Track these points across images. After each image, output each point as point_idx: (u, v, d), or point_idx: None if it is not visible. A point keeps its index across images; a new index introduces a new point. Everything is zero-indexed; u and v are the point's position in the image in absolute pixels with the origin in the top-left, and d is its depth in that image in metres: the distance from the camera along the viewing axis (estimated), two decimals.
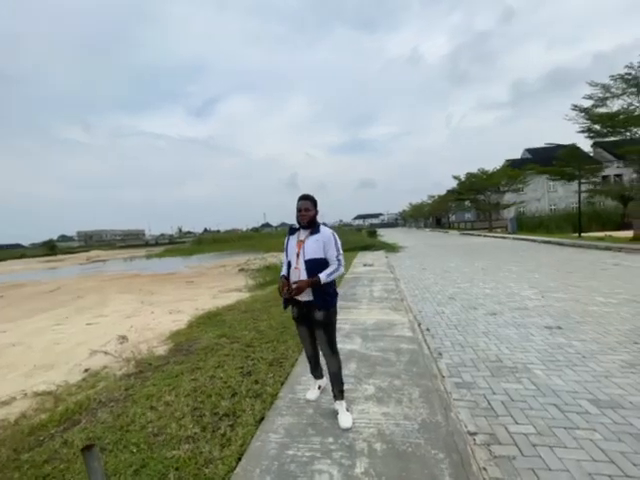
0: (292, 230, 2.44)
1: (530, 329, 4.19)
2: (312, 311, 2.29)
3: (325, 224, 2.44)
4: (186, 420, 2.42)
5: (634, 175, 19.57)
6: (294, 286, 2.22)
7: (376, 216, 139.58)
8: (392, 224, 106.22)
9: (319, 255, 2.26)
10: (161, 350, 4.10)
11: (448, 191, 46.03)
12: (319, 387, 2.68)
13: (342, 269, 2.33)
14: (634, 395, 2.58)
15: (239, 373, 3.16)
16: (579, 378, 2.89)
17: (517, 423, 2.31)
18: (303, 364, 3.26)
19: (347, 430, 2.17)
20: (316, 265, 2.24)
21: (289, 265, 2.36)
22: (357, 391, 2.68)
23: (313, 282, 2.20)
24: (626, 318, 4.43)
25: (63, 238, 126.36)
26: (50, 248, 65.59)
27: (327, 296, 2.28)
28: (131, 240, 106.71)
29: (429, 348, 3.64)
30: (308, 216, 2.30)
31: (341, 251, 2.34)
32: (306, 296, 2.27)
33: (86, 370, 3.70)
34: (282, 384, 2.89)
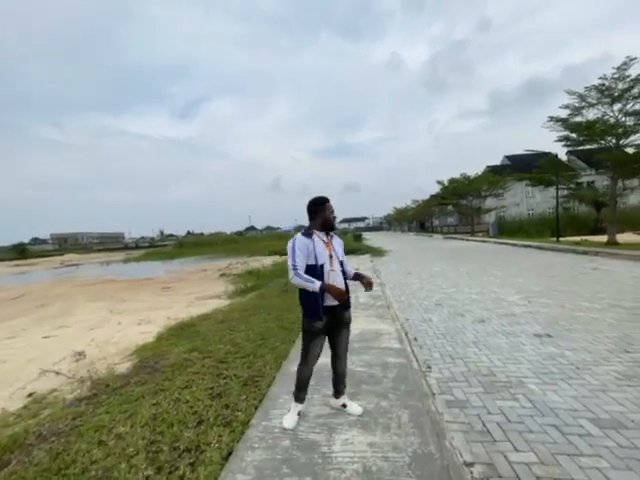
0: (309, 234, 2.28)
1: (520, 337, 4.03)
2: (342, 314, 2.29)
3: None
4: (139, 458, 2.05)
5: (606, 183, 20.39)
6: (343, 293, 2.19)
7: (361, 220, 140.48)
8: (377, 228, 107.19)
9: (342, 257, 2.38)
10: (123, 368, 3.67)
11: (432, 196, 46.86)
12: (299, 413, 2.37)
13: None
14: (634, 412, 2.40)
15: (208, 395, 2.80)
16: (576, 393, 2.71)
17: (517, 450, 2.07)
18: (281, 383, 2.94)
19: (360, 415, 2.35)
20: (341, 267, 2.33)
21: (315, 268, 2.19)
22: (340, 415, 2.39)
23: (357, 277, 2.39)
24: (613, 324, 4.36)
25: (36, 241, 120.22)
26: (20, 252, 61.85)
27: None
28: (110, 243, 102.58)
29: (417, 361, 3.39)
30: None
31: None
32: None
33: (30, 394, 3.23)
34: (256, 408, 2.56)
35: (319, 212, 2.29)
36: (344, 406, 2.44)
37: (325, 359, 2.38)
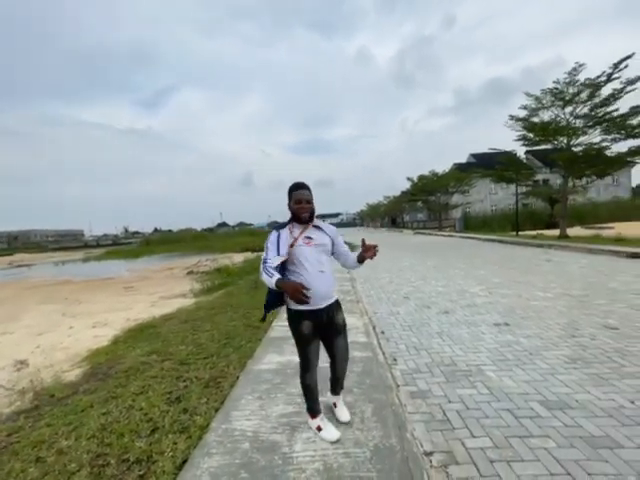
0: (280, 226, 2.02)
1: (480, 327, 4.21)
2: (334, 315, 2.02)
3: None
4: (82, 474, 1.88)
5: (558, 181, 22.01)
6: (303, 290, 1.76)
7: (335, 216, 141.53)
8: (350, 224, 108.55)
9: (329, 252, 2.08)
10: (72, 376, 3.38)
11: (402, 192, 48.11)
12: (318, 428, 2.10)
13: None
14: (579, 392, 2.58)
15: (165, 400, 2.63)
16: (528, 377, 2.86)
17: (473, 436, 2.14)
18: (245, 383, 2.84)
19: (347, 423, 2.18)
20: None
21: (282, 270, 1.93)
22: (302, 414, 2.33)
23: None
24: (562, 312, 4.68)
25: None
26: None
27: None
28: (67, 242, 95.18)
29: (384, 354, 3.43)
30: (310, 208, 1.99)
31: None
32: (328, 300, 2.00)
33: None
34: (216, 410, 2.44)
35: (289, 201, 2.00)
36: (335, 405, 2.32)
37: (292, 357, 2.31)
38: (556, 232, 17.26)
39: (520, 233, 19.89)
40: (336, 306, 2.07)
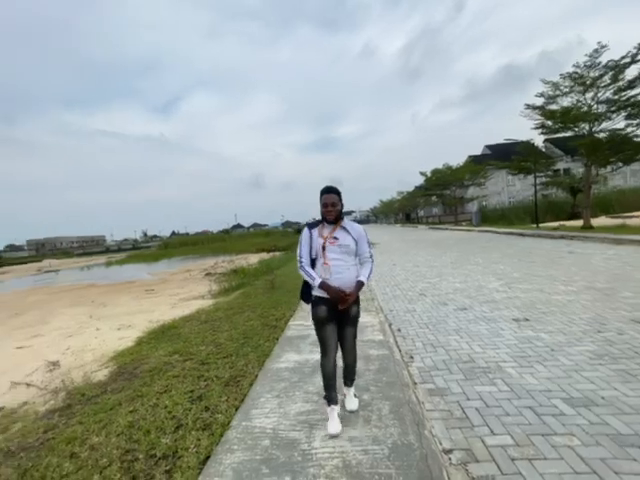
0: (312, 225, 2.28)
1: (499, 323, 4.13)
2: (349, 308, 2.20)
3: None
4: (113, 469, 1.98)
5: (581, 169, 21.07)
6: (348, 297, 2.11)
7: (348, 214, 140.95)
8: (364, 221, 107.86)
9: (352, 252, 2.22)
10: (100, 375, 3.54)
11: (416, 187, 47.38)
12: (337, 414, 2.20)
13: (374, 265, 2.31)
14: (605, 389, 2.50)
15: (188, 399, 2.73)
16: (550, 374, 2.79)
17: (494, 434, 2.11)
18: (263, 381, 2.90)
19: (352, 412, 2.30)
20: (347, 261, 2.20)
21: (313, 263, 2.22)
22: (320, 412, 2.37)
23: (359, 289, 2.17)
24: (586, 306, 4.51)
25: (11, 248, 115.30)
26: None
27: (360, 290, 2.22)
28: (90, 247, 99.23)
29: (400, 352, 3.42)
30: (336, 211, 2.18)
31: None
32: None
33: (0, 409, 3.08)
34: (237, 409, 2.51)
35: (320, 203, 2.22)
36: (344, 396, 2.42)
37: (316, 355, 2.35)
38: (579, 223, 16.60)
39: (540, 225, 19.22)
40: (353, 300, 2.20)
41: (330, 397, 2.21)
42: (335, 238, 2.16)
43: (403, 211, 62.80)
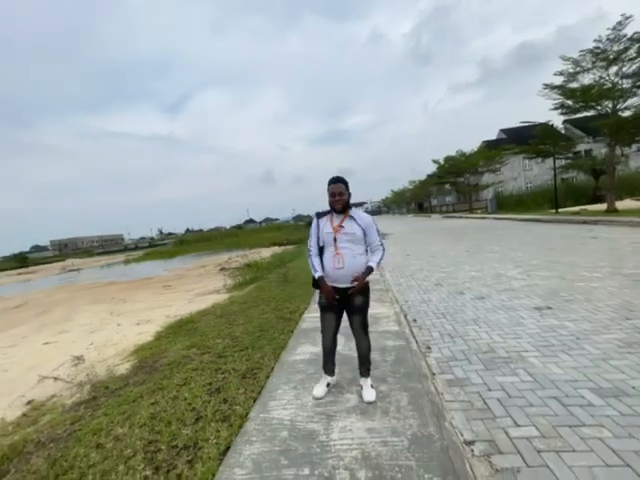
0: (320, 214, 2.37)
1: (520, 312, 4.00)
2: (352, 297, 2.29)
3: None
4: (137, 459, 2.03)
5: (603, 150, 20.06)
6: (355, 283, 2.22)
7: (360, 205, 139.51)
8: (376, 212, 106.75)
9: (359, 240, 2.27)
10: (122, 369, 3.65)
11: (428, 175, 46.37)
12: (328, 384, 2.51)
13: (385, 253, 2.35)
14: (636, 379, 2.38)
15: (206, 391, 2.77)
16: (576, 364, 2.68)
17: (517, 425, 2.04)
18: (280, 373, 2.91)
19: (370, 403, 2.28)
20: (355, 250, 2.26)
21: (321, 251, 2.34)
22: (338, 402, 2.36)
23: (368, 274, 2.24)
24: (613, 292, 4.32)
25: (36, 248, 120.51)
26: (21, 260, 62.07)
27: (367, 281, 2.30)
28: (109, 246, 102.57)
29: (417, 342, 3.36)
30: (343, 200, 2.24)
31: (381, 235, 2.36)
32: (345, 282, 2.27)
33: (29, 402, 3.22)
34: (254, 401, 2.53)
35: (328, 193, 2.28)
36: (361, 387, 2.44)
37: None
38: (602, 207, 15.88)
39: (560, 210, 18.51)
40: (358, 290, 2.27)
41: (327, 368, 2.49)
42: (342, 227, 2.25)
43: (415, 200, 61.77)
